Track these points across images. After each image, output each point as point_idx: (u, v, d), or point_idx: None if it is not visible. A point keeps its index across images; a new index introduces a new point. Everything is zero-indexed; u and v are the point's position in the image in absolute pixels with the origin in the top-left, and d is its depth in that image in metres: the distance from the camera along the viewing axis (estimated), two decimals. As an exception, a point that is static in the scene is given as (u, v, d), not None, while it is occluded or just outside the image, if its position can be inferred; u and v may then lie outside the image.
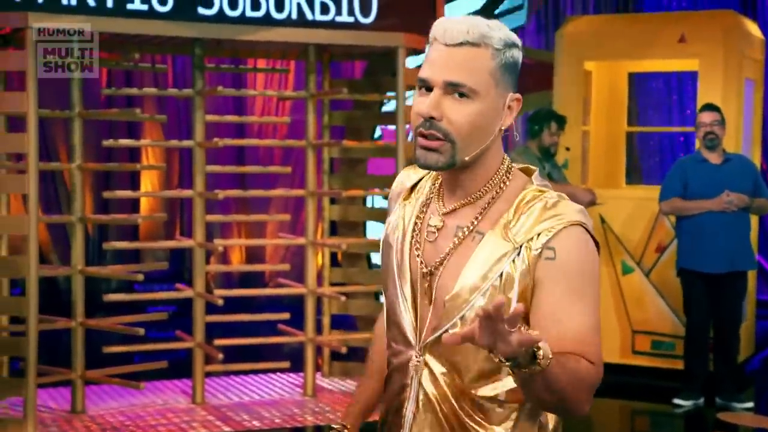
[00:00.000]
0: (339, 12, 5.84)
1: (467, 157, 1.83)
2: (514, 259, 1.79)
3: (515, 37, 1.85)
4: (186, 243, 6.32)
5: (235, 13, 5.61)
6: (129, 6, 5.40)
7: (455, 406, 1.85)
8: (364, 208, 7.11)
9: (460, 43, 1.80)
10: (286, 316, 6.26)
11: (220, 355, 5.78)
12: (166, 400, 5.98)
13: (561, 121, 6.62)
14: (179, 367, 6.25)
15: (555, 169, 6.65)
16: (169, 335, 6.42)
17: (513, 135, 1.91)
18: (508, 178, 1.89)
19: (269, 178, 9.28)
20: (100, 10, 5.33)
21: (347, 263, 6.86)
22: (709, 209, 6.05)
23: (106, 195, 6.19)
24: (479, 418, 1.85)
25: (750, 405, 6.25)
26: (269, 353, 6.72)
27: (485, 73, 1.81)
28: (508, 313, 1.52)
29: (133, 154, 8.91)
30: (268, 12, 5.68)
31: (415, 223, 1.94)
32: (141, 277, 5.53)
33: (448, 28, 1.81)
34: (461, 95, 1.80)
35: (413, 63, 6.37)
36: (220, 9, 5.58)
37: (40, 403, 5.51)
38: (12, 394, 5.40)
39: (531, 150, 6.54)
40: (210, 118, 6.08)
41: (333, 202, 6.73)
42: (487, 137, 1.84)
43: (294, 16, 5.74)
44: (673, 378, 6.43)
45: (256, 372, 6.57)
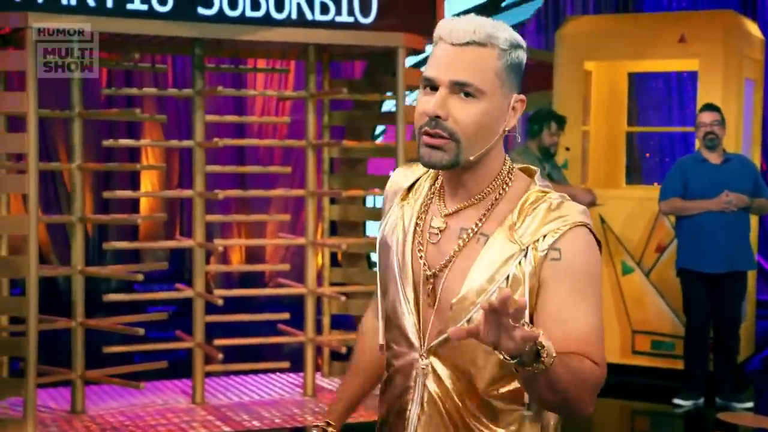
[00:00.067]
0: (339, 12, 5.83)
1: (471, 157, 1.82)
2: (521, 261, 1.79)
3: (520, 38, 1.84)
4: (186, 243, 6.31)
5: (235, 13, 5.61)
6: (129, 6, 5.40)
7: (460, 408, 1.84)
8: (364, 208, 7.10)
9: (467, 43, 1.79)
10: (286, 316, 6.25)
11: (220, 355, 5.78)
12: (166, 400, 5.98)
13: (561, 121, 6.62)
14: (179, 367, 6.25)
15: (555, 170, 6.64)
16: (169, 335, 6.42)
17: (514, 136, 1.90)
18: (510, 179, 1.88)
19: (269, 178, 9.28)
20: (100, 10, 5.32)
21: (347, 263, 6.85)
22: (709, 209, 6.04)
23: (106, 195, 6.18)
24: (485, 420, 1.84)
25: (750, 405, 6.25)
26: (269, 353, 6.72)
27: (491, 73, 1.80)
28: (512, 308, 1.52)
29: (133, 154, 8.91)
30: (268, 12, 5.68)
31: (416, 225, 1.93)
32: (141, 277, 5.53)
33: (455, 27, 1.80)
34: (467, 95, 1.79)
35: (412, 63, 6.37)
36: (220, 9, 5.58)
37: (40, 403, 5.51)
38: (12, 394, 5.39)
39: (531, 150, 6.54)
40: (210, 118, 6.08)
41: (333, 202, 6.73)
42: (491, 137, 1.83)
43: (294, 16, 5.74)
44: (673, 378, 6.43)
45: (256, 372, 6.57)
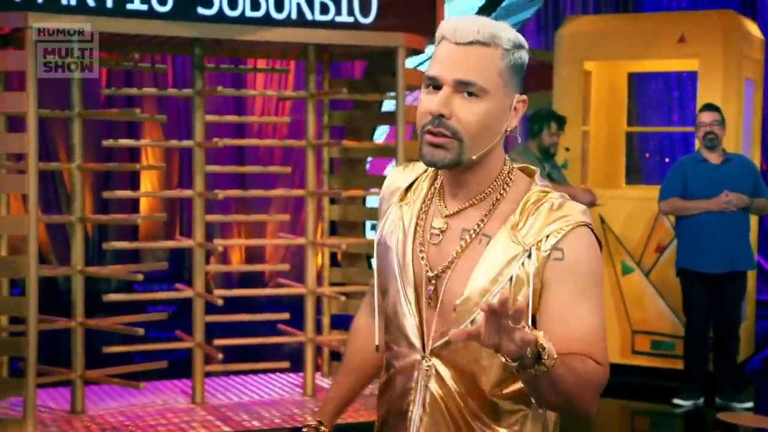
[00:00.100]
0: (339, 12, 5.83)
1: (474, 156, 1.82)
2: (524, 262, 1.79)
3: (522, 39, 1.85)
4: (186, 243, 6.31)
5: (235, 13, 5.61)
6: (129, 6, 5.40)
7: (463, 409, 1.84)
8: (363, 208, 7.11)
9: (471, 42, 1.79)
10: (285, 316, 6.25)
11: (220, 355, 5.78)
12: (165, 400, 5.98)
13: (561, 121, 6.62)
14: (179, 367, 6.25)
15: (555, 170, 6.65)
16: (169, 335, 6.41)
17: (514, 136, 1.90)
18: (510, 179, 1.88)
19: (269, 178, 9.28)
20: (99, 10, 5.32)
21: (347, 263, 6.85)
22: (709, 209, 6.04)
23: (106, 195, 6.18)
24: (488, 420, 1.84)
25: (749, 405, 6.25)
26: (269, 353, 6.71)
27: (495, 73, 1.80)
28: (513, 306, 1.53)
29: (133, 154, 8.91)
30: (267, 12, 5.68)
31: (416, 225, 1.92)
32: (141, 277, 5.53)
33: (459, 27, 1.80)
34: (470, 94, 1.79)
35: (410, 63, 6.36)
36: (220, 9, 5.58)
37: (39, 403, 5.50)
38: (12, 394, 5.39)
39: (531, 150, 6.54)
40: (210, 118, 6.08)
41: (333, 202, 6.73)
42: (494, 137, 1.84)
43: (294, 16, 5.74)
44: (673, 378, 6.43)
45: (255, 372, 6.57)
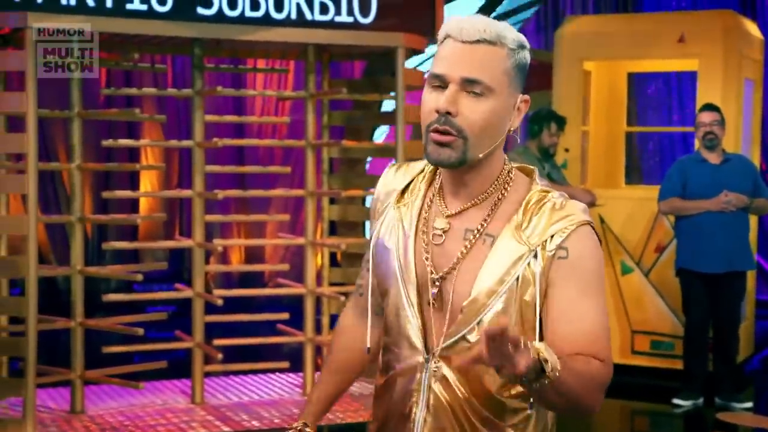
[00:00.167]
0: (338, 12, 5.83)
1: (479, 155, 1.82)
2: (530, 262, 1.79)
3: (525, 39, 1.85)
4: (185, 243, 6.31)
5: (235, 13, 5.61)
6: (128, 6, 5.40)
7: (468, 410, 1.84)
8: (363, 208, 7.10)
9: (477, 41, 1.79)
10: (285, 316, 6.25)
11: (220, 355, 5.78)
12: (165, 400, 5.98)
13: (561, 122, 6.62)
14: (178, 367, 6.25)
15: (554, 170, 6.65)
16: (169, 335, 6.41)
17: (513, 136, 1.90)
18: (510, 178, 1.89)
19: (269, 178, 9.28)
20: (99, 9, 5.32)
21: (346, 263, 6.85)
22: (708, 209, 6.04)
23: (106, 195, 6.18)
24: (494, 420, 1.84)
25: (749, 405, 6.25)
26: (269, 353, 6.71)
27: (500, 72, 1.80)
28: (511, 334, 1.51)
29: (133, 154, 8.90)
30: (267, 12, 5.68)
31: (416, 226, 1.91)
32: (140, 277, 5.53)
33: (464, 25, 1.80)
34: (477, 93, 1.79)
35: (409, 63, 6.37)
36: (220, 9, 5.58)
37: (39, 403, 5.50)
38: (11, 394, 5.39)
39: (530, 150, 6.54)
40: (209, 118, 6.08)
41: (332, 202, 6.73)
42: (498, 136, 1.84)
43: (293, 16, 5.74)
44: (673, 378, 6.43)
45: (255, 372, 6.57)
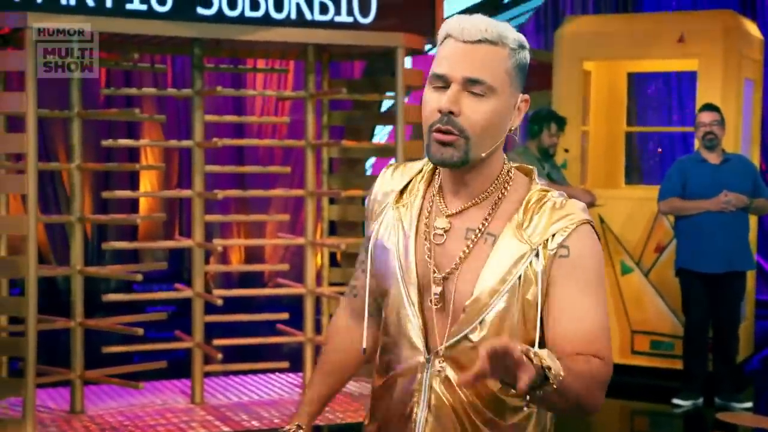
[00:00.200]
0: (338, 12, 5.83)
1: (481, 155, 1.82)
2: (532, 261, 1.80)
3: (524, 39, 1.86)
4: (185, 243, 6.31)
5: (234, 13, 5.61)
6: (128, 6, 5.40)
7: (470, 409, 1.84)
8: (363, 209, 7.09)
9: (479, 41, 1.79)
10: (285, 316, 6.25)
11: (219, 355, 5.78)
12: (165, 400, 5.98)
13: (561, 122, 6.62)
14: (178, 367, 6.25)
15: (554, 170, 6.65)
16: (169, 335, 6.41)
17: (513, 136, 1.90)
18: (510, 178, 1.89)
19: (268, 178, 9.28)
20: (99, 9, 5.32)
21: (346, 263, 6.85)
22: (708, 209, 6.04)
23: (105, 195, 6.18)
24: (495, 419, 1.84)
25: (749, 405, 6.25)
26: (268, 353, 6.71)
27: (502, 72, 1.81)
28: (513, 351, 1.51)
29: (132, 154, 8.90)
30: (267, 12, 5.68)
31: (417, 226, 1.91)
32: (140, 277, 5.53)
33: (466, 25, 1.80)
34: (479, 93, 1.79)
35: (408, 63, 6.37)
36: (219, 9, 5.58)
37: (39, 403, 5.51)
38: (11, 394, 5.39)
39: (530, 150, 6.54)
40: (209, 118, 6.08)
41: (332, 202, 6.73)
42: (499, 136, 1.85)
43: (293, 16, 5.74)
44: (673, 378, 6.44)
45: (255, 372, 6.57)
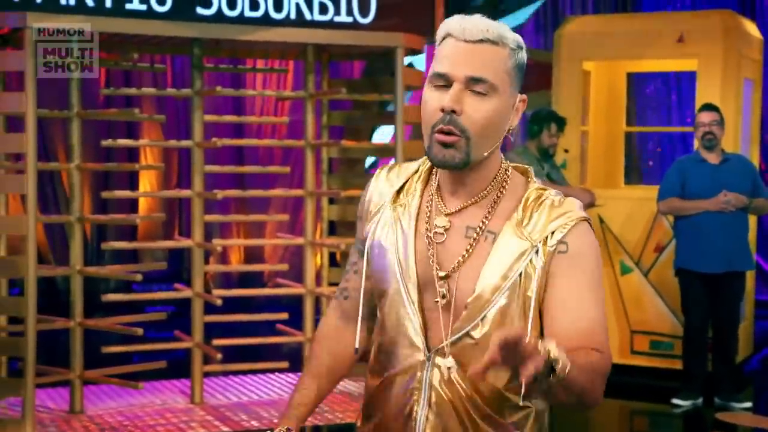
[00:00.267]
0: (338, 12, 5.84)
1: (482, 154, 1.83)
2: (532, 258, 1.82)
3: (522, 40, 1.87)
4: (185, 243, 6.31)
5: (234, 13, 5.61)
6: (128, 6, 5.40)
7: (470, 406, 1.85)
8: (362, 209, 7.10)
9: (480, 41, 1.80)
10: (284, 316, 6.26)
11: (219, 355, 5.78)
12: (164, 400, 5.98)
13: (561, 122, 6.62)
14: (178, 367, 6.25)
15: (554, 170, 6.65)
16: (168, 335, 6.42)
17: (511, 136, 1.91)
18: (508, 176, 1.91)
19: (268, 178, 9.28)
20: (98, 9, 5.33)
21: (346, 263, 6.84)
22: (707, 209, 6.04)
23: (105, 195, 6.18)
24: (496, 417, 1.85)
25: (748, 405, 6.25)
26: (268, 353, 6.71)
27: (503, 71, 1.82)
28: (525, 341, 1.51)
29: (132, 154, 8.90)
30: (266, 12, 5.68)
31: (416, 225, 1.92)
32: (139, 277, 5.53)
33: (467, 25, 1.81)
34: (481, 92, 1.80)
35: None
36: (219, 9, 5.58)
37: (38, 403, 5.51)
38: (10, 394, 5.39)
39: (530, 150, 6.54)
40: (209, 118, 6.08)
41: (332, 202, 6.73)
42: (499, 136, 1.86)
43: (293, 16, 5.74)
44: (672, 378, 6.43)
45: (254, 372, 6.56)
